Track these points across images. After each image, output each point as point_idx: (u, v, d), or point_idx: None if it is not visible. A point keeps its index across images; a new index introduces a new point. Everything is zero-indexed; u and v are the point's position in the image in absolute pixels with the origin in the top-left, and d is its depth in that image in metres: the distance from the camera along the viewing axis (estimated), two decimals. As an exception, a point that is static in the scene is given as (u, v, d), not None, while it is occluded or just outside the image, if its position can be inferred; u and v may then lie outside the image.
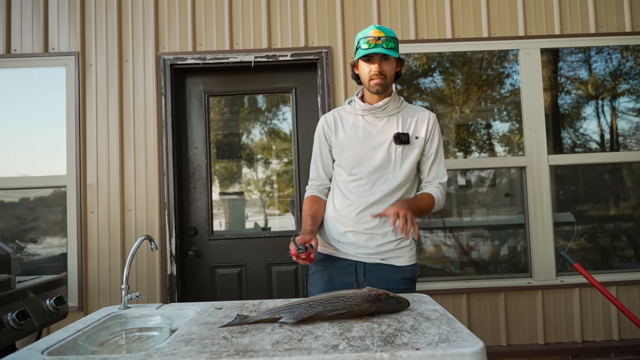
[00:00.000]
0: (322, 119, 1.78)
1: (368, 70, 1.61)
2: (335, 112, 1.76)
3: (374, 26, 1.60)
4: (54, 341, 1.13)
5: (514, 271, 2.75)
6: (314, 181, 1.78)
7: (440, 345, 0.98)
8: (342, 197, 1.70)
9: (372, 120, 1.69)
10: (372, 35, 1.56)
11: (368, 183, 1.65)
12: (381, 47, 1.54)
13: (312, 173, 1.79)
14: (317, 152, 1.77)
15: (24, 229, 2.67)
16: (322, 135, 1.75)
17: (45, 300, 1.90)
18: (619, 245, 2.85)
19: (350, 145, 1.68)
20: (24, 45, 2.66)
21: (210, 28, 2.70)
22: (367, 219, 1.64)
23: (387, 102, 1.66)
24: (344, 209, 1.68)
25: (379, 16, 2.71)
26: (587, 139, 2.90)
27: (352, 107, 1.72)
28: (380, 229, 1.64)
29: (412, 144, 1.66)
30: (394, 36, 1.59)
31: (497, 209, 2.87)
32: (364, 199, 1.65)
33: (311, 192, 1.77)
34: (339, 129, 1.72)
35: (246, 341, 1.05)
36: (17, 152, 2.67)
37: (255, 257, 2.75)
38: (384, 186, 1.65)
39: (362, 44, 1.57)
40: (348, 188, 1.69)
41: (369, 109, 1.67)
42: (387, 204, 1.63)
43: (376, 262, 1.64)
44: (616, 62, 2.85)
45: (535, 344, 2.65)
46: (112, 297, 2.57)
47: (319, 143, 1.77)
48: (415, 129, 1.67)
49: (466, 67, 2.83)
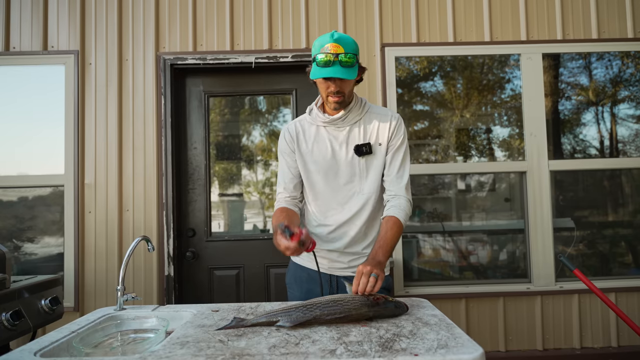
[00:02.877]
0: (284, 130, 1.68)
1: (325, 86, 1.50)
2: (297, 123, 1.68)
3: (330, 37, 1.44)
4: (48, 342, 1.11)
5: (513, 276, 2.74)
6: (282, 194, 1.68)
7: (439, 351, 0.97)
8: (312, 217, 1.68)
9: (333, 132, 1.60)
10: (330, 51, 1.42)
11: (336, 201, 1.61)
12: (339, 66, 1.42)
13: (279, 187, 1.70)
14: (284, 165, 1.68)
15: (21, 228, 2.65)
16: (285, 147, 1.66)
17: (40, 301, 1.88)
18: (619, 251, 2.84)
19: (314, 163, 1.62)
20: (23, 43, 2.64)
21: (211, 28, 2.69)
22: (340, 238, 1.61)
23: (347, 113, 1.57)
24: (315, 228, 1.66)
25: (380, 19, 2.71)
26: (587, 144, 2.90)
27: (312, 118, 1.64)
28: (353, 248, 1.62)
29: (376, 153, 1.59)
30: (353, 49, 1.45)
31: (497, 213, 2.86)
32: (335, 219, 1.61)
33: (279, 204, 1.66)
34: (301, 142, 1.64)
35: (242, 345, 1.04)
36: (15, 150, 2.65)
37: (254, 259, 2.73)
38: (351, 203, 1.60)
39: (319, 59, 1.43)
40: (317, 208, 1.65)
41: (329, 120, 1.58)
42: (359, 221, 1.59)
43: (349, 275, 1.62)
44: (617, 69, 2.85)
45: (534, 349, 2.63)
46: (108, 297, 2.55)
47: (283, 156, 1.68)
48: (378, 135, 1.59)
49: (467, 71, 2.82)
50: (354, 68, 1.46)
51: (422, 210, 2.84)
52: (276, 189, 1.72)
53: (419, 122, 2.88)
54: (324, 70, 1.43)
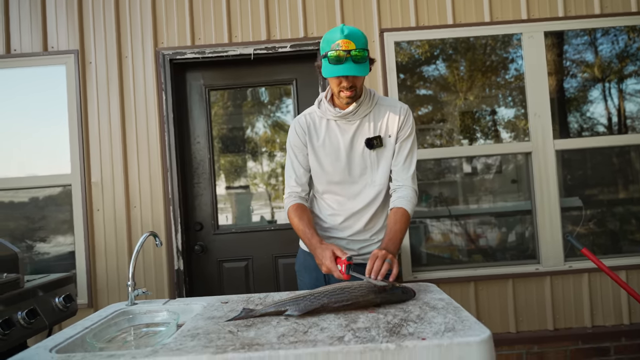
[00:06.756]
0: (294, 123, 1.68)
1: (338, 82, 1.49)
2: (307, 116, 1.67)
3: (340, 31, 1.43)
4: (62, 339, 1.14)
5: (521, 258, 2.73)
6: (294, 188, 1.67)
7: (447, 334, 0.98)
8: (324, 206, 1.70)
9: (344, 125, 1.61)
10: (341, 48, 1.41)
11: (349, 193, 1.64)
12: (351, 62, 1.42)
13: (290, 181, 1.68)
14: (294, 159, 1.67)
15: (33, 228, 2.69)
16: (297, 141, 1.66)
17: (54, 298, 1.92)
18: (629, 228, 2.81)
19: (326, 157, 1.63)
20: (24, 45, 2.65)
21: (209, 21, 2.68)
22: (350, 226, 1.65)
23: (358, 106, 1.57)
24: (327, 217, 1.69)
25: (378, 4, 2.67)
26: (594, 122, 2.86)
27: (322, 111, 1.63)
28: (362, 235, 1.66)
29: (386, 145, 1.61)
30: (364, 43, 1.45)
31: (504, 195, 2.84)
32: (347, 208, 1.65)
33: (294, 200, 1.66)
34: (312, 136, 1.64)
35: (252, 335, 1.05)
36: (22, 152, 2.68)
37: (262, 250, 2.75)
38: (364, 194, 1.63)
39: (331, 56, 1.43)
40: (329, 198, 1.68)
41: (341, 115, 1.58)
42: (370, 211, 1.63)
43: (359, 262, 1.62)
44: (622, 44, 2.80)
45: (545, 330, 2.64)
46: (121, 293, 2.59)
47: (293, 149, 1.67)
48: (387, 127, 1.61)
49: (469, 53, 2.79)
50: (366, 63, 1.46)
51: (428, 195, 2.83)
52: (286, 181, 1.71)
53: (423, 106, 2.85)
54: (337, 67, 1.43)
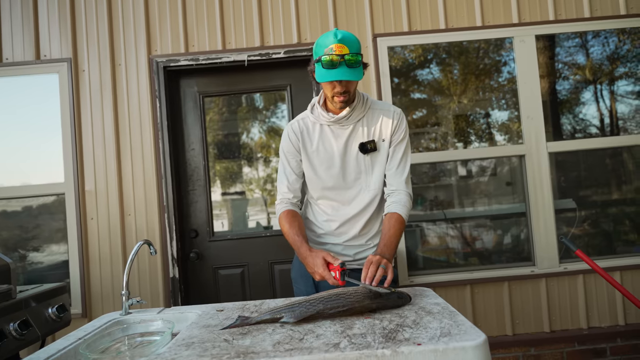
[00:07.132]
0: (287, 129, 1.67)
1: (331, 87, 1.49)
2: (300, 122, 1.66)
3: (334, 36, 1.42)
4: (55, 350, 1.13)
5: (517, 260, 2.74)
6: (286, 194, 1.67)
7: (442, 339, 0.97)
8: (319, 212, 1.70)
9: (338, 130, 1.61)
10: (335, 52, 1.40)
11: (344, 198, 1.64)
12: (345, 67, 1.41)
13: (282, 187, 1.68)
14: (286, 165, 1.67)
15: (26, 238, 2.67)
16: (290, 147, 1.65)
17: (47, 309, 1.90)
18: (622, 229, 2.83)
19: (320, 162, 1.62)
20: (16, 54, 2.64)
21: (202, 28, 2.68)
22: (346, 232, 1.65)
23: (351, 111, 1.57)
24: (322, 223, 1.69)
25: (371, 9, 2.68)
26: (586, 124, 2.88)
27: (315, 116, 1.63)
28: (357, 241, 1.66)
29: (380, 149, 1.60)
30: (357, 48, 1.44)
31: (499, 198, 2.85)
32: (342, 214, 1.64)
33: (286, 207, 1.66)
34: (306, 142, 1.63)
35: (247, 343, 1.05)
36: (15, 160, 2.66)
37: (258, 257, 2.74)
38: (359, 199, 1.62)
39: (324, 61, 1.42)
40: (324, 204, 1.67)
41: (335, 120, 1.58)
42: (365, 216, 1.63)
43: (355, 268, 1.62)
44: (613, 46, 2.83)
45: (541, 332, 2.64)
46: (115, 302, 2.57)
47: (286, 155, 1.67)
48: (381, 131, 1.60)
49: (462, 57, 2.80)
50: (359, 68, 1.45)
51: (424, 199, 2.83)
52: (278, 187, 1.70)
53: (417, 110, 2.86)
54: (331, 72, 1.43)
